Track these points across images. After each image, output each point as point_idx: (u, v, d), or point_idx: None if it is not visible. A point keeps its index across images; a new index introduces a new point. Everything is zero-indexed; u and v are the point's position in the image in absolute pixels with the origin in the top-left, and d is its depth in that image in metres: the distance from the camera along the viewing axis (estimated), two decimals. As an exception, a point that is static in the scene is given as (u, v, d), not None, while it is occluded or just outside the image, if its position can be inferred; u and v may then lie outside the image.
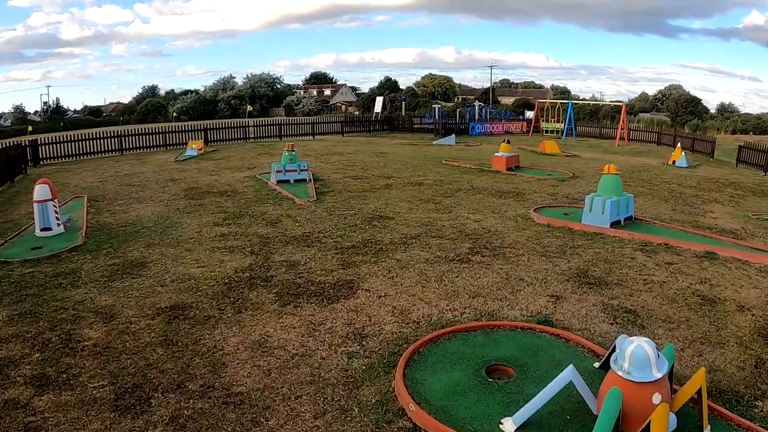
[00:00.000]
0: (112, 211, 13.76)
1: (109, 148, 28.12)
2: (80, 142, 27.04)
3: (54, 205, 12.00)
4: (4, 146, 20.94)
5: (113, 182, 18.43)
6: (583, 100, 64.42)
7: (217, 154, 26.45)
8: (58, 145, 26.11)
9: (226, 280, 8.40)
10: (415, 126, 40.98)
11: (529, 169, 21.21)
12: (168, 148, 29.55)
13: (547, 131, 40.14)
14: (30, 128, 56.25)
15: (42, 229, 11.67)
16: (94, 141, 27.55)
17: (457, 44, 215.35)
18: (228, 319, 7.03)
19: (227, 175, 19.09)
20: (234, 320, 6.99)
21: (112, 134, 28.24)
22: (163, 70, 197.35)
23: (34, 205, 11.60)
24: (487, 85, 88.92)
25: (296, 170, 16.82)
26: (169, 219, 12.64)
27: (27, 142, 24.98)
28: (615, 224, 11.89)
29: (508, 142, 21.57)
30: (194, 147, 26.50)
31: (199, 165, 22.25)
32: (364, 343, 6.35)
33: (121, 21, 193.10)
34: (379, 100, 45.51)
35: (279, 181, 16.63)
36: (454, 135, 32.49)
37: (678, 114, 72.36)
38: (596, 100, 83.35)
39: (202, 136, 30.87)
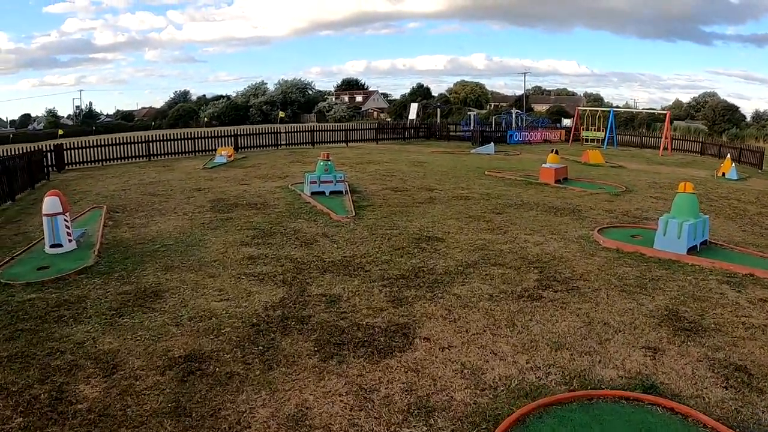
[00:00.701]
0: (131, 224, 12.42)
1: (137, 154, 27.03)
2: (106, 147, 25.96)
3: (65, 220, 10.70)
4: (25, 151, 19.74)
5: (136, 191, 17.14)
6: (626, 108, 62.07)
7: (247, 161, 25.11)
8: (83, 150, 24.98)
9: (254, 320, 6.93)
10: (451, 133, 39.28)
11: (577, 181, 19.62)
12: (197, 154, 28.32)
13: (587, 140, 38.29)
14: (60, 132, 55.89)
15: (52, 246, 10.41)
16: (121, 146, 26.43)
17: (488, 51, 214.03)
18: (256, 378, 5.55)
19: (257, 185, 17.68)
20: (263, 380, 5.51)
21: (140, 139, 27.11)
22: (195, 75, 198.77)
23: (44, 219, 10.37)
24: (519, 92, 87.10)
25: (332, 181, 15.32)
26: (192, 236, 11.25)
27: (51, 147, 23.88)
28: (691, 250, 10.28)
29: (556, 152, 19.91)
30: (223, 154, 25.20)
31: (227, 173, 20.89)
32: (432, 421, 4.84)
33: (154, 27, 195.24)
34: (413, 107, 43.97)
35: (313, 193, 15.17)
36: (492, 144, 30.86)
37: (715, 122, 69.80)
38: (629, 107, 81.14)
39: (232, 142, 29.60)
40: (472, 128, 40.58)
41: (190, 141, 28.53)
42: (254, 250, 10.12)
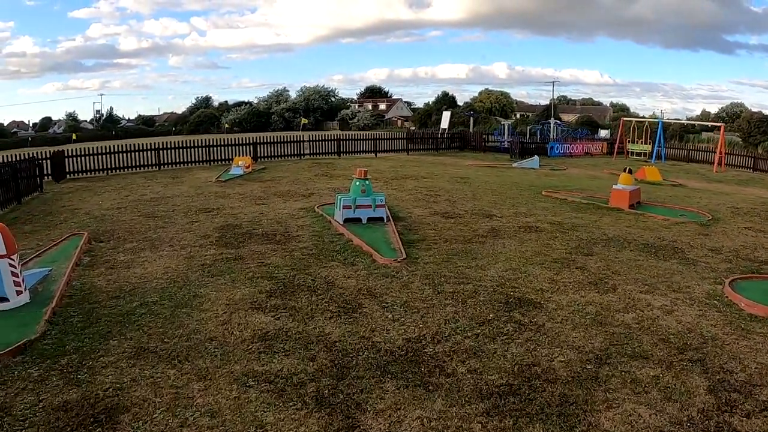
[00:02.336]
0: (111, 262, 9.26)
1: (145, 163, 23.87)
2: (113, 155, 22.74)
3: (11, 264, 7.39)
4: (9, 160, 16.65)
5: (133, 210, 14.06)
6: (676, 119, 57.86)
7: (267, 173, 21.74)
8: (87, 157, 21.89)
9: None
10: (487, 144, 35.76)
11: (650, 205, 16.28)
12: (211, 164, 25.06)
13: (632, 153, 34.59)
14: (75, 136, 53.08)
15: (-9, 302, 7.12)
16: (128, 154, 23.30)
17: (510, 60, 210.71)
18: None
19: (277, 206, 14.35)
20: None
21: (149, 147, 23.88)
22: (218, 81, 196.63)
23: (-22, 265, 7.01)
24: (542, 101, 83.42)
25: (370, 206, 11.89)
26: (185, 287, 8.00)
27: (49, 154, 20.72)
28: None
29: (630, 171, 16.36)
30: (240, 164, 21.91)
31: (243, 188, 17.53)
32: None
33: (178, 33, 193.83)
34: (446, 115, 40.50)
35: (347, 220, 11.77)
36: (537, 158, 27.28)
37: (750, 134, 65.47)
38: (656, 118, 76.91)
39: (251, 151, 26.26)
40: (509, 139, 37.00)
41: (204, 149, 25.31)
42: (270, 321, 6.77)
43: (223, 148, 25.85)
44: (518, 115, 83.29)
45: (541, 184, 20.32)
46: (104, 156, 22.58)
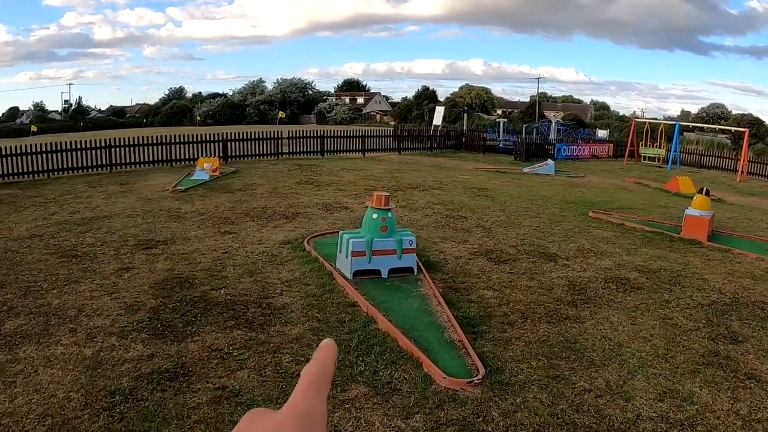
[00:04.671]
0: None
1: (95, 163, 18.89)
2: (59, 154, 17.81)
3: None
4: None
5: (49, 242, 9.64)
6: (696, 124, 53.54)
7: (238, 179, 16.98)
8: (27, 156, 17.05)
9: None
10: (486, 144, 31.32)
11: (725, 235, 12.31)
12: (173, 164, 20.21)
13: (645, 157, 30.46)
14: (34, 128, 47.48)
15: None
16: (73, 153, 18.29)
17: (487, 57, 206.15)
18: None
19: (250, 236, 9.86)
20: None
21: (99, 144, 18.91)
22: (193, 73, 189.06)
23: None
24: (520, 98, 79.45)
25: (394, 251, 7.26)
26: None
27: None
28: None
29: (707, 193, 11.99)
30: (206, 167, 17.19)
31: (206, 202, 12.83)
32: None
33: (154, 23, 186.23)
34: (439, 111, 35.87)
35: (358, 273, 7.10)
36: (552, 162, 22.90)
37: (742, 137, 61.82)
38: (636, 117, 73.40)
39: (220, 149, 21.39)
40: (506, 138, 32.62)
41: (164, 147, 20.42)
42: None
43: (187, 146, 20.98)
44: (499, 112, 79.21)
45: (574, 198, 16.02)
46: (48, 155, 17.66)
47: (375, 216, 7.57)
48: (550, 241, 10.54)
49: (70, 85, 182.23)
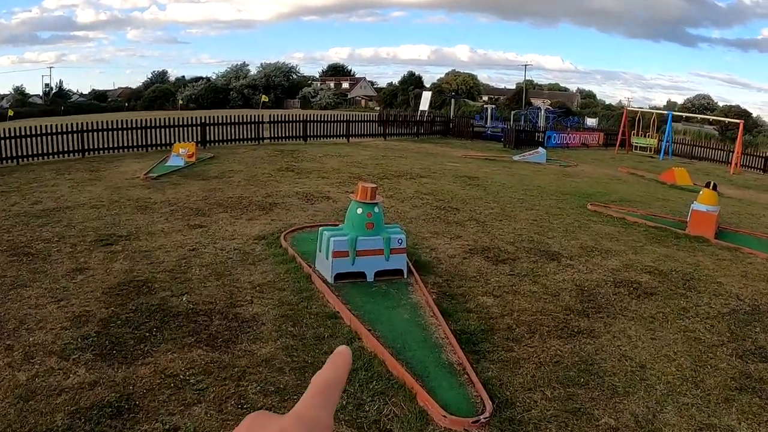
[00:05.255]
0: None
1: (67, 148, 17.58)
2: (23, 139, 16.61)
3: None
4: None
5: (3, 236, 8.01)
6: (690, 114, 52.72)
7: (215, 165, 15.88)
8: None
9: None
10: (474, 130, 30.33)
11: (731, 232, 11.43)
12: (148, 150, 19.04)
13: (637, 147, 29.65)
14: (11, 112, 45.94)
15: None
16: (44, 138, 17.01)
17: (473, 43, 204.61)
18: None
19: (222, 230, 8.85)
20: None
21: (71, 129, 17.64)
22: (177, 57, 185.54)
23: None
24: (505, 85, 78.50)
25: (382, 251, 6.26)
26: None
27: None
28: None
29: (715, 187, 11.08)
30: (181, 153, 16.05)
31: (178, 191, 11.76)
32: None
33: (138, 6, 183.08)
34: (426, 96, 34.79)
35: (340, 276, 6.10)
36: (544, 151, 21.99)
37: (728, 128, 61.33)
38: (623, 106, 72.48)
39: (198, 134, 20.22)
40: (494, 125, 31.67)
41: (140, 132, 19.26)
42: None
43: (163, 130, 19.78)
44: (485, 98, 78.23)
45: (570, 189, 15.16)
46: (16, 140, 16.40)
47: (360, 211, 6.58)
48: (550, 237, 9.62)
49: (50, 68, 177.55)
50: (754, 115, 66.89)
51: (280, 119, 23.43)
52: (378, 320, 5.53)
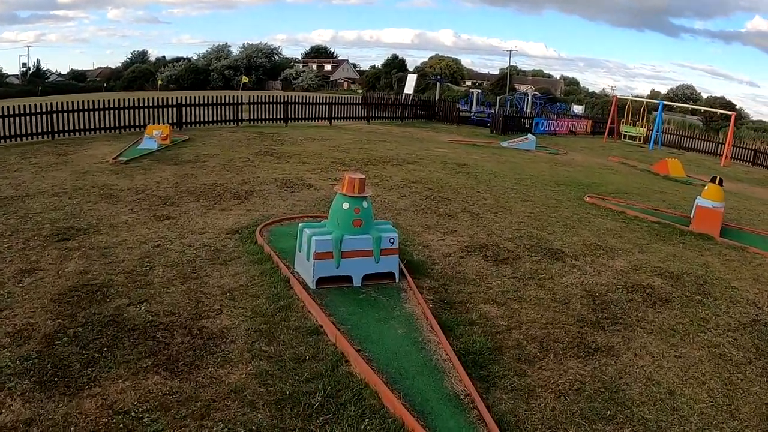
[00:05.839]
0: None
1: (36, 130, 16.42)
2: None
3: None
4: None
5: None
6: (682, 104, 52.08)
7: (189, 149, 14.89)
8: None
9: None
10: (460, 115, 29.48)
11: (737, 230, 10.83)
12: (121, 131, 17.96)
13: (625, 136, 29.01)
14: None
15: None
16: (10, 119, 15.88)
17: (457, 28, 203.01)
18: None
19: (191, 222, 8.00)
20: None
21: (40, 110, 16.46)
22: (158, 37, 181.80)
23: None
24: (489, 71, 77.61)
25: (371, 251, 5.39)
26: None
27: None
28: None
29: (721, 182, 10.35)
30: (155, 135, 15.04)
31: (148, 177, 10.81)
32: None
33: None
34: (411, 79, 33.77)
35: (322, 281, 5.22)
36: (533, 138, 21.21)
37: (713, 119, 61.14)
38: (607, 95, 71.97)
39: (174, 115, 19.14)
40: (480, 110, 30.85)
41: (113, 113, 18.12)
42: None
43: (138, 111, 18.66)
44: (469, 83, 77.40)
45: (564, 179, 14.46)
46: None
47: (346, 206, 5.71)
48: (551, 233, 8.83)
49: (28, 47, 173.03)
50: (737, 106, 66.66)
51: (260, 101, 22.36)
52: (368, 337, 4.69)
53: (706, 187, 10.68)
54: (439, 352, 4.61)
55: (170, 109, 19.21)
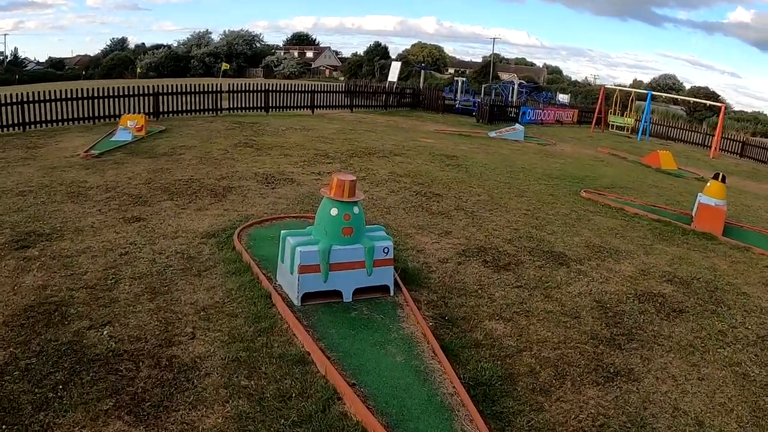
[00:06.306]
0: None
1: (6, 122, 15.46)
2: None
3: None
4: None
5: None
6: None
7: (165, 140, 14.15)
8: None
9: None
10: (446, 103, 28.85)
11: (737, 228, 10.33)
12: (95, 122, 17.12)
13: (613, 126, 28.56)
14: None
15: None
16: None
17: (439, 15, 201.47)
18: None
19: (164, 224, 7.41)
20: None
21: (9, 100, 15.49)
22: (139, 24, 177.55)
23: None
24: (471, 59, 77.00)
25: (362, 263, 4.75)
26: None
27: None
28: None
29: (724, 179, 9.82)
30: (129, 125, 14.25)
31: (120, 172, 10.10)
32: None
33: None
34: (395, 66, 33.05)
35: (308, 297, 4.59)
36: (522, 128, 20.64)
37: (696, 109, 61.00)
38: (589, 84, 72.08)
39: (151, 104, 18.31)
40: (465, 98, 30.23)
41: (86, 102, 17.26)
42: None
43: (113, 100, 17.80)
44: (451, 71, 76.67)
45: (556, 172, 13.98)
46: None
47: (335, 212, 5.06)
48: (550, 233, 8.27)
49: (5, 35, 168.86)
50: (720, 96, 66.65)
51: (240, 89, 21.53)
52: (363, 367, 4.08)
53: (708, 184, 10.20)
54: (445, 384, 4.00)
55: (147, 98, 18.37)
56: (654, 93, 29.10)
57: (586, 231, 8.65)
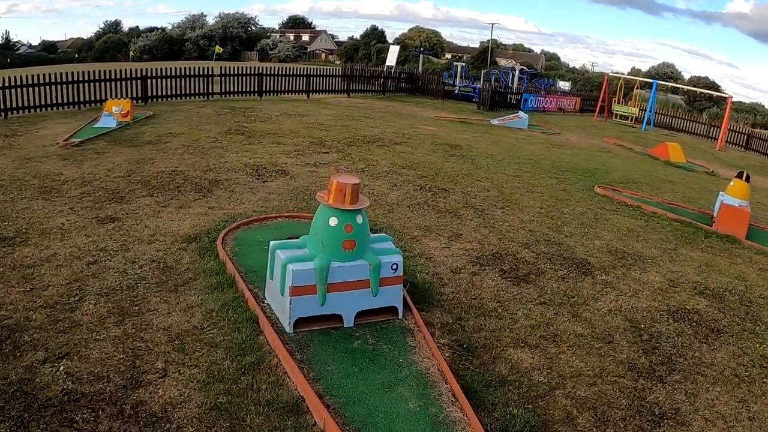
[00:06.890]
0: None
1: None
2: None
3: None
4: None
5: None
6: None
7: (151, 127, 13.32)
8: None
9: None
10: (445, 89, 27.97)
11: (761, 230, 9.52)
12: (80, 107, 16.24)
13: (617, 115, 27.74)
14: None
15: None
16: None
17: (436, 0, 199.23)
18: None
19: (139, 228, 6.65)
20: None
21: None
22: (133, 7, 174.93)
23: None
24: (469, 44, 75.97)
25: (367, 283, 3.96)
26: None
27: None
28: None
29: (747, 178, 9.06)
30: (114, 111, 13.40)
31: (98, 165, 9.31)
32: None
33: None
34: (393, 50, 32.13)
35: (301, 323, 3.78)
36: (526, 116, 19.82)
37: (696, 99, 60.18)
38: (587, 71, 71.27)
39: (139, 88, 17.42)
40: (465, 84, 29.38)
41: (71, 86, 16.34)
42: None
43: (98, 84, 16.91)
44: (449, 56, 75.62)
45: (565, 164, 13.23)
46: None
47: (334, 222, 4.27)
48: (568, 235, 7.53)
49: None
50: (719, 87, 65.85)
51: (232, 72, 20.60)
52: (370, 417, 3.32)
53: (731, 183, 9.48)
54: (468, 441, 3.23)
55: (135, 81, 17.48)
56: (659, 82, 28.17)
57: (606, 233, 7.91)
